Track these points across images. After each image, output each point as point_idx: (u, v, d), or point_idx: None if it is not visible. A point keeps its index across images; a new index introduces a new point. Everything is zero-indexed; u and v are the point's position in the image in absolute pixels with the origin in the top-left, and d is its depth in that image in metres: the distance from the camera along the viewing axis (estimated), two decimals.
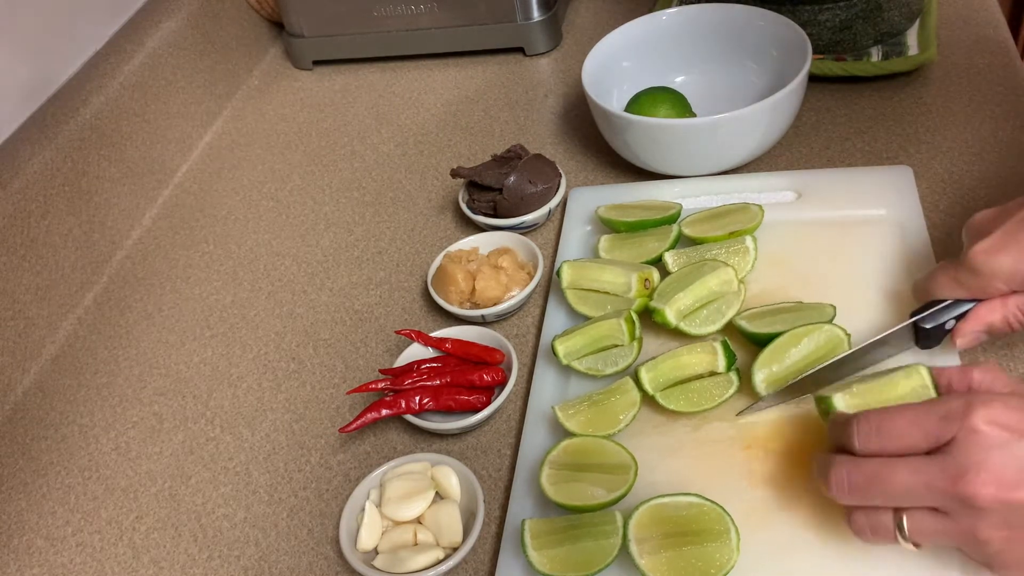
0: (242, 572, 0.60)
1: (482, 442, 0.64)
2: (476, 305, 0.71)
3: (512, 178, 0.76)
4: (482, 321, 0.72)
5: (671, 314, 0.62)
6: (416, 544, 0.57)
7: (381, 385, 0.65)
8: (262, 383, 0.73)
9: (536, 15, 1.01)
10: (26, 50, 0.85)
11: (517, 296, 0.71)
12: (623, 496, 0.54)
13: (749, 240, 0.67)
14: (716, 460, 0.57)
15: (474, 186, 0.79)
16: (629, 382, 0.61)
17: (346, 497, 0.61)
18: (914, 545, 0.46)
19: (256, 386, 0.73)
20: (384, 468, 0.61)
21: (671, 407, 0.59)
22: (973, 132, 0.78)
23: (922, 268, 0.64)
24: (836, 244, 0.68)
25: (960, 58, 0.86)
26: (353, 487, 0.62)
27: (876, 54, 0.86)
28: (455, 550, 0.56)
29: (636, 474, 0.55)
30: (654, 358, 0.61)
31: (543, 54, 1.04)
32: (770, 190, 0.74)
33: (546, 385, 0.65)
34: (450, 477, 0.60)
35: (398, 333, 0.70)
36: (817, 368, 0.57)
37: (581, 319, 0.68)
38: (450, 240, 0.80)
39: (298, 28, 1.08)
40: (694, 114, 0.79)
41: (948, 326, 0.55)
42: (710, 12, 0.84)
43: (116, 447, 0.71)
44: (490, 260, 0.73)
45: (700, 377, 0.60)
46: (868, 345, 0.57)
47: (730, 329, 0.63)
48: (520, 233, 0.78)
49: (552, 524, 0.54)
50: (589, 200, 0.78)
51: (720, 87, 0.85)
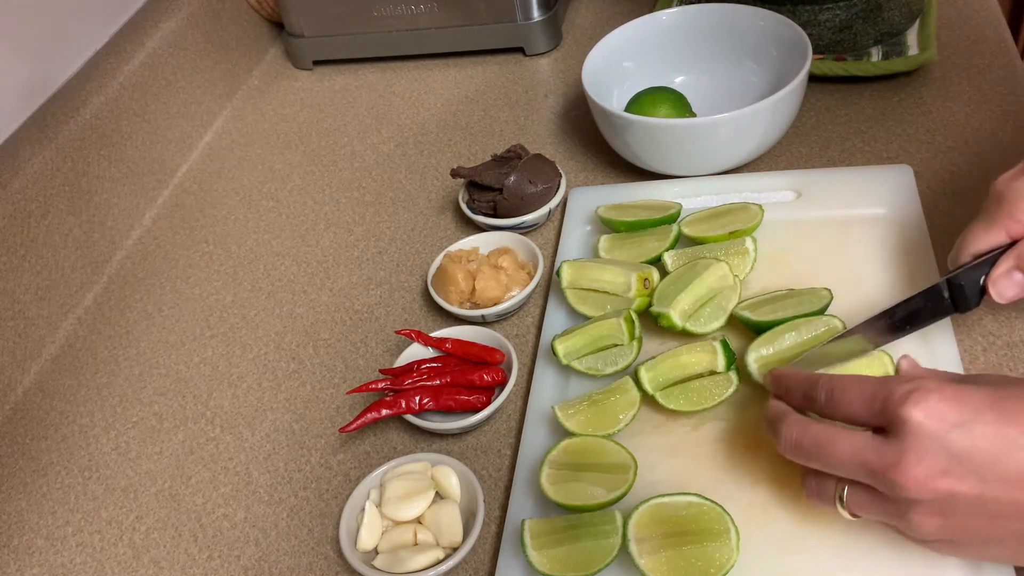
0: (242, 572, 0.60)
1: (482, 442, 0.64)
2: (476, 305, 0.71)
3: (512, 178, 0.76)
4: (482, 321, 0.72)
5: (676, 316, 0.62)
6: (416, 544, 0.57)
7: (381, 385, 0.65)
8: (262, 383, 0.73)
9: (536, 15, 1.01)
10: (26, 50, 0.85)
11: (517, 296, 0.71)
12: (623, 496, 0.54)
13: (749, 241, 0.67)
14: (716, 459, 0.57)
15: (474, 186, 0.79)
16: (629, 382, 0.61)
17: (346, 497, 0.61)
18: (851, 515, 0.48)
19: (256, 386, 0.73)
20: (384, 468, 0.61)
21: (671, 406, 0.59)
22: (973, 132, 0.78)
23: (922, 268, 0.64)
24: (836, 244, 0.68)
25: (960, 58, 0.86)
26: (353, 487, 0.62)
27: (876, 54, 0.86)
28: (455, 550, 0.56)
29: (636, 474, 0.55)
30: (654, 357, 0.61)
31: (543, 54, 1.04)
32: (770, 190, 0.74)
33: (546, 385, 0.65)
34: (450, 477, 0.60)
35: (398, 333, 0.70)
36: (846, 332, 0.56)
37: (581, 319, 0.68)
38: (450, 240, 0.80)
39: (298, 28, 1.08)
40: (694, 114, 0.79)
41: (983, 281, 0.53)
42: (710, 12, 0.84)
43: (116, 447, 0.71)
44: (490, 260, 0.73)
45: (700, 376, 0.60)
46: (899, 305, 0.55)
47: (732, 321, 0.63)
48: (520, 233, 0.78)
49: (552, 524, 0.54)
50: (589, 200, 0.78)
51: (720, 87, 0.85)
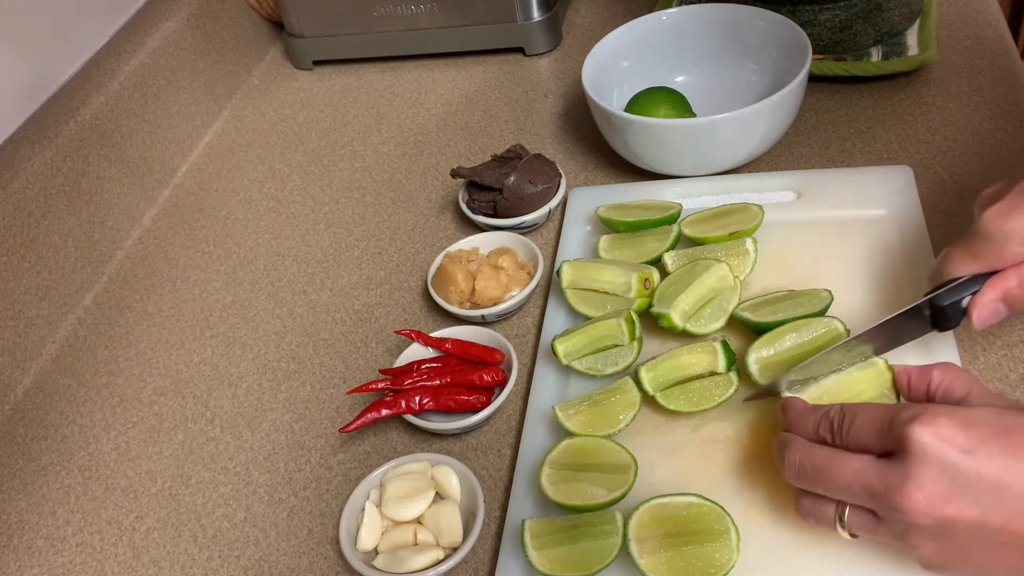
0: (242, 572, 0.60)
1: (482, 442, 0.64)
2: (476, 305, 0.71)
3: (512, 178, 0.76)
4: (482, 321, 0.72)
5: (677, 317, 0.62)
6: (416, 544, 0.57)
7: (381, 385, 0.65)
8: (262, 383, 0.73)
9: (536, 15, 1.01)
10: (26, 50, 0.85)
11: (517, 296, 0.71)
12: (623, 496, 0.54)
13: (749, 242, 0.67)
14: (716, 460, 0.57)
15: (474, 186, 0.79)
16: (629, 382, 0.61)
17: (346, 497, 0.61)
18: (851, 535, 0.48)
19: (256, 386, 0.73)
20: (384, 468, 0.61)
21: (671, 407, 0.59)
22: (973, 132, 0.78)
23: (922, 268, 0.64)
24: (836, 244, 0.68)
25: (960, 58, 0.86)
26: (353, 487, 0.62)
27: (876, 54, 0.86)
28: (455, 550, 0.56)
29: (636, 474, 0.55)
30: (654, 358, 0.61)
31: (543, 54, 1.04)
32: (770, 190, 0.74)
33: (546, 385, 0.65)
34: (450, 477, 0.60)
35: (398, 333, 0.70)
36: (827, 351, 0.56)
37: (581, 319, 0.68)
38: (450, 240, 0.80)
39: (298, 28, 1.08)
40: (694, 114, 0.79)
41: (964, 303, 0.54)
42: (710, 12, 0.84)
43: (116, 447, 0.71)
44: (490, 260, 0.73)
45: (700, 377, 0.60)
46: (879, 326, 0.56)
47: (732, 322, 0.63)
48: (520, 233, 0.78)
49: (552, 524, 0.54)
50: (589, 200, 0.78)
51: (720, 87, 0.85)
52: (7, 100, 0.83)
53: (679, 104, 0.79)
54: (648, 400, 0.60)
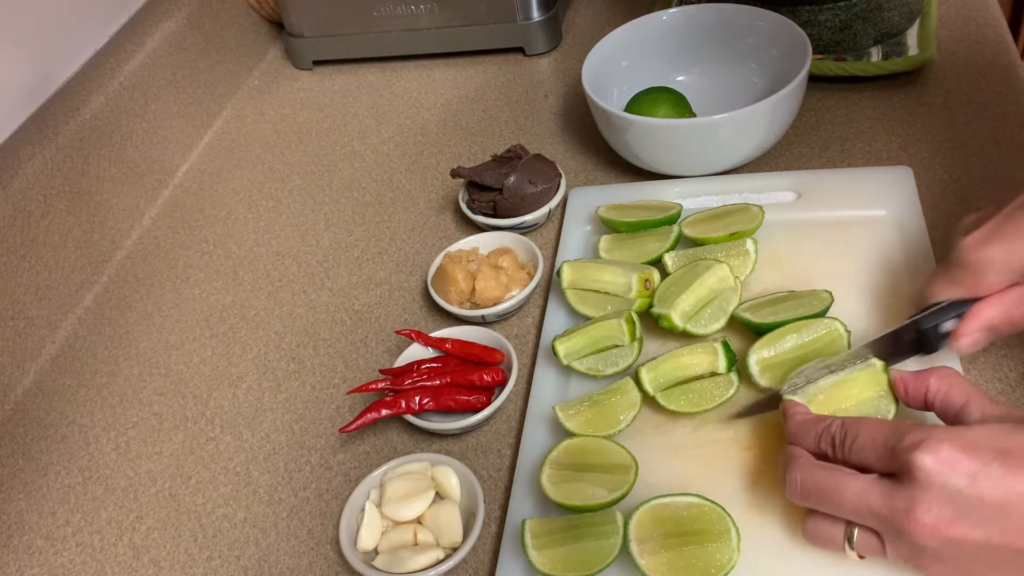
0: (242, 572, 0.60)
1: (482, 442, 0.64)
2: (476, 305, 0.71)
3: (512, 178, 0.76)
4: (482, 321, 0.72)
5: (677, 318, 0.62)
6: (416, 544, 0.57)
7: (381, 385, 0.65)
8: (262, 383, 0.73)
9: (536, 15, 1.01)
10: (26, 50, 0.85)
11: (517, 296, 0.71)
12: (623, 496, 0.54)
13: (749, 243, 0.67)
14: (717, 460, 0.57)
15: (474, 186, 0.79)
16: (629, 382, 0.61)
17: (346, 497, 0.61)
18: (859, 556, 0.48)
19: (256, 386, 0.73)
20: (384, 468, 0.61)
21: (671, 407, 0.59)
22: (973, 132, 0.78)
23: (922, 268, 0.64)
24: (836, 244, 0.68)
25: (960, 58, 0.86)
26: (353, 487, 0.62)
27: (876, 54, 0.86)
28: (455, 550, 0.56)
29: (636, 474, 0.55)
30: (654, 358, 0.61)
31: (543, 54, 1.04)
32: (770, 190, 0.74)
33: (546, 385, 0.65)
34: (450, 477, 0.60)
35: (398, 333, 0.70)
36: (810, 366, 0.56)
37: (581, 319, 0.68)
38: (450, 240, 0.80)
39: (298, 28, 1.08)
40: (694, 114, 0.79)
41: (945, 327, 0.54)
42: (710, 12, 0.84)
43: (116, 447, 0.71)
44: (490, 260, 0.73)
45: (701, 378, 0.60)
46: (864, 347, 0.56)
47: (732, 323, 0.63)
48: (520, 233, 0.78)
49: (552, 524, 0.54)
50: (589, 200, 0.78)
51: (720, 87, 0.85)
52: (7, 100, 0.83)
53: (679, 104, 0.79)
54: (648, 400, 0.60)
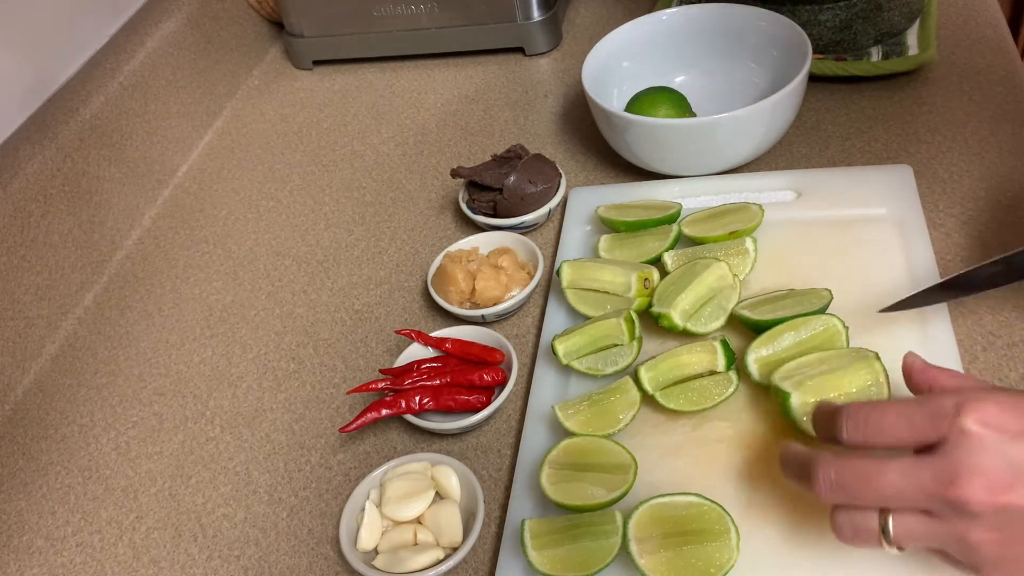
0: (242, 572, 0.60)
1: (482, 442, 0.64)
2: (476, 305, 0.71)
3: (512, 178, 0.76)
4: (482, 321, 0.72)
5: (677, 317, 0.62)
6: (416, 544, 0.57)
7: (381, 385, 0.65)
8: (262, 383, 0.73)
9: (536, 15, 1.01)
10: (26, 50, 0.85)
11: (517, 296, 0.71)
12: (623, 496, 0.54)
13: (749, 241, 0.67)
14: (716, 460, 0.57)
15: (474, 186, 0.79)
16: (629, 381, 0.61)
17: (346, 497, 0.61)
18: (898, 548, 0.45)
19: (256, 386, 0.73)
20: (384, 468, 0.61)
21: (671, 406, 0.59)
22: (973, 132, 0.78)
23: (922, 267, 0.64)
24: (836, 243, 0.68)
25: (960, 58, 0.86)
26: (353, 487, 0.62)
27: (876, 54, 0.86)
28: (455, 550, 0.56)
29: (636, 474, 0.55)
30: (654, 357, 0.61)
31: (543, 54, 1.04)
32: (770, 190, 0.74)
33: (546, 385, 0.65)
34: (450, 477, 0.60)
35: (398, 333, 0.70)
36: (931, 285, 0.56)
37: (581, 319, 0.68)
38: (450, 240, 0.80)
39: (298, 28, 1.08)
40: (694, 114, 0.79)
41: None
42: (710, 12, 0.84)
43: (116, 447, 0.71)
44: (490, 260, 0.73)
45: (700, 376, 0.60)
46: (979, 268, 0.55)
47: (732, 321, 0.64)
48: (520, 233, 0.78)
49: (552, 524, 0.54)
50: (589, 200, 0.78)
51: (720, 87, 0.85)
52: (7, 100, 0.83)
53: (679, 104, 0.79)
54: (648, 400, 0.60)
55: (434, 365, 0.66)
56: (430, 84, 1.04)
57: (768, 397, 0.58)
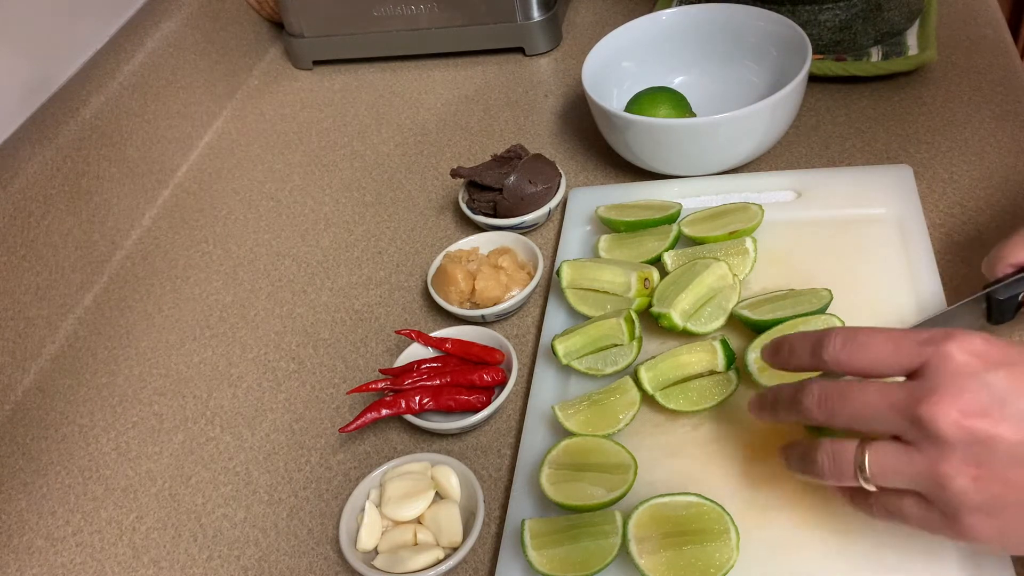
0: (242, 572, 0.60)
1: (482, 442, 0.64)
2: (476, 305, 0.71)
3: (512, 178, 0.76)
4: (482, 321, 0.72)
5: (677, 317, 0.62)
6: (416, 544, 0.57)
7: (381, 385, 0.65)
8: (262, 383, 0.73)
9: (536, 15, 1.01)
10: (26, 50, 0.85)
11: (517, 296, 0.71)
12: (623, 496, 0.54)
13: (749, 241, 0.67)
14: (716, 459, 0.57)
15: (474, 186, 0.79)
16: (629, 381, 0.61)
17: (346, 497, 0.61)
18: (875, 487, 0.44)
19: (256, 386, 0.73)
20: (384, 468, 0.61)
21: (671, 406, 0.59)
22: (973, 132, 0.78)
23: (922, 268, 0.64)
24: (836, 243, 0.68)
25: (960, 58, 0.86)
26: (353, 487, 0.62)
27: (876, 54, 0.86)
28: (455, 550, 0.56)
29: (636, 474, 0.55)
30: (654, 357, 0.61)
31: (543, 54, 1.04)
32: (770, 190, 0.74)
33: (546, 385, 0.65)
34: (450, 477, 0.60)
35: (398, 333, 0.70)
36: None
37: (581, 319, 0.68)
38: (450, 240, 0.80)
39: (298, 28, 1.08)
40: (694, 114, 0.79)
41: (1022, 296, 0.52)
42: (710, 12, 0.84)
43: (116, 447, 0.71)
44: (490, 260, 0.73)
45: (700, 376, 0.60)
46: (937, 318, 0.54)
47: (732, 321, 0.64)
48: (520, 233, 0.78)
49: (552, 524, 0.54)
50: (589, 200, 0.78)
51: (720, 87, 0.85)
52: (7, 100, 0.83)
53: (679, 104, 0.79)
54: (648, 399, 0.60)
55: (434, 365, 0.66)
56: (430, 84, 1.04)
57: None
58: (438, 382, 0.64)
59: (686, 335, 0.64)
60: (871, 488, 0.44)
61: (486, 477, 0.62)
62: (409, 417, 0.64)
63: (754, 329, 0.62)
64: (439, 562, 0.55)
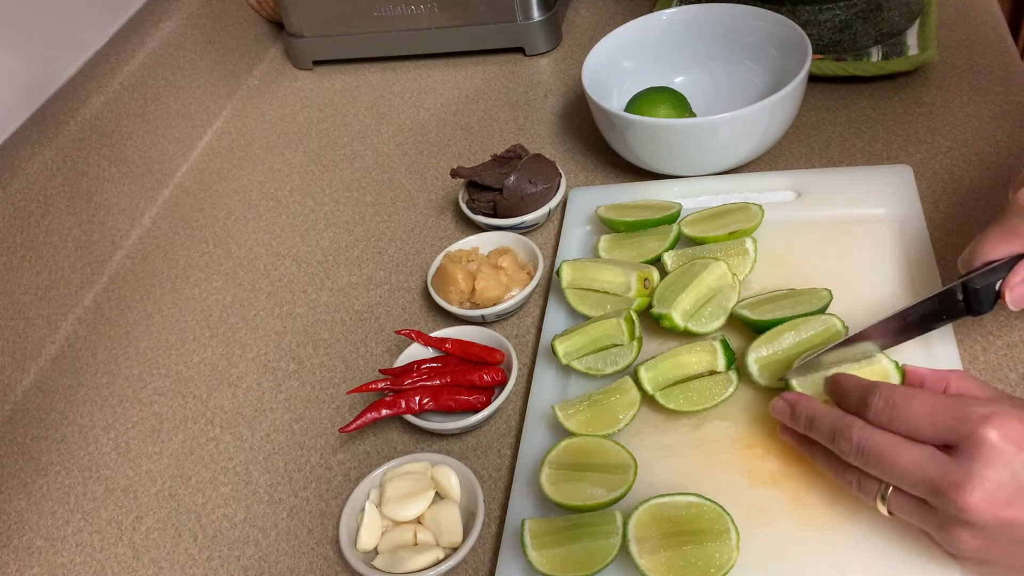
0: (242, 572, 0.60)
1: (482, 442, 0.64)
2: (476, 305, 0.71)
3: (512, 178, 0.76)
4: (482, 321, 0.72)
5: (678, 317, 0.62)
6: (416, 544, 0.57)
7: (381, 385, 0.65)
8: (262, 383, 0.73)
9: (536, 15, 1.01)
10: (26, 50, 0.85)
11: (517, 296, 0.71)
12: (623, 496, 0.54)
13: (749, 242, 0.67)
14: (716, 459, 0.57)
15: (474, 186, 0.79)
16: (629, 381, 0.61)
17: (346, 497, 0.61)
18: (889, 513, 0.48)
19: (256, 386, 0.73)
20: (384, 468, 0.61)
21: (671, 406, 0.59)
22: (973, 132, 0.78)
23: (922, 268, 0.64)
24: (836, 243, 0.68)
25: (960, 58, 0.86)
26: (353, 487, 0.62)
27: (876, 54, 0.86)
28: (455, 550, 0.56)
29: (636, 474, 0.55)
30: (654, 357, 0.61)
31: (543, 54, 1.04)
32: (770, 190, 0.74)
33: (546, 385, 0.65)
34: (450, 477, 0.60)
35: (398, 333, 0.70)
36: (855, 335, 0.56)
37: (581, 319, 0.68)
38: (450, 240, 0.80)
39: (298, 28, 1.08)
40: (694, 114, 0.79)
41: (999, 286, 0.53)
42: (710, 12, 0.84)
43: (116, 447, 0.71)
44: (490, 260, 0.73)
45: (700, 376, 0.60)
46: (908, 310, 0.55)
47: (732, 321, 0.64)
48: (520, 233, 0.78)
49: (552, 524, 0.54)
50: (589, 200, 0.78)
51: (720, 87, 0.85)
52: (7, 100, 0.83)
53: (679, 104, 0.79)
54: (648, 399, 0.60)
55: (434, 365, 0.66)
56: (430, 84, 1.04)
57: (768, 397, 0.58)
58: (438, 382, 0.64)
59: (686, 335, 0.64)
60: (884, 513, 0.48)
61: (486, 477, 0.62)
62: (409, 417, 0.64)
63: (754, 329, 0.62)
64: (439, 562, 0.55)
